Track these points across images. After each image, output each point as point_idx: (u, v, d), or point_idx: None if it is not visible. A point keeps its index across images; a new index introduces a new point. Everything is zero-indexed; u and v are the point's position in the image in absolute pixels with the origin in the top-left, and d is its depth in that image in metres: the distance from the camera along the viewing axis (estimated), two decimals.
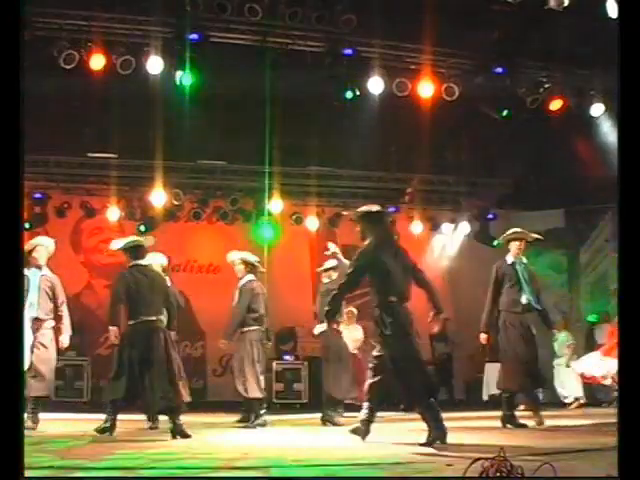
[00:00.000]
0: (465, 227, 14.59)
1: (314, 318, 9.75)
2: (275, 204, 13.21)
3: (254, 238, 13.36)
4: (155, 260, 8.43)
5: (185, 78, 9.70)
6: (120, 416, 7.01)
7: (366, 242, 6.20)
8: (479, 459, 3.23)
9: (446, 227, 14.75)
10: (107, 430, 6.81)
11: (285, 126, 11.54)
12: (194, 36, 9.54)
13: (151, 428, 7.80)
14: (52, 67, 9.32)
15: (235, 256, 8.95)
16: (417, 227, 14.43)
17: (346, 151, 13.07)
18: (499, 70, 10.61)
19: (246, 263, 8.79)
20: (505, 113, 11.13)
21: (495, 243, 10.16)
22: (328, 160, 13.68)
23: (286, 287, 13.06)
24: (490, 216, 14.47)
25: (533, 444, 5.61)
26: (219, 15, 9.48)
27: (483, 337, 7.90)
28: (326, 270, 9.17)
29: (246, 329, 8.49)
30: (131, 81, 9.78)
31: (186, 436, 6.64)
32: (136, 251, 7.14)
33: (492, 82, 10.73)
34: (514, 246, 7.90)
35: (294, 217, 13.89)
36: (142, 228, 13.24)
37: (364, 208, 6.43)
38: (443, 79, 10.60)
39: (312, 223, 13.98)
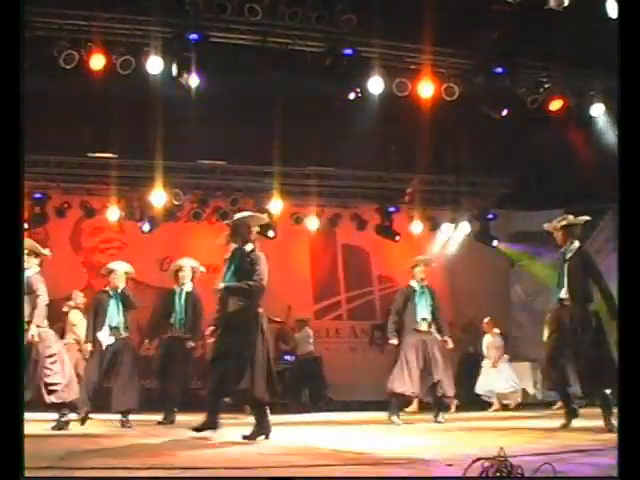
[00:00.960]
0: (465, 227, 14.59)
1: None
2: (275, 204, 13.21)
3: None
4: (120, 268, 8.48)
5: (192, 80, 9.69)
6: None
7: (249, 247, 6.41)
8: (479, 459, 3.23)
9: (446, 227, 14.75)
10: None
11: (285, 126, 11.54)
12: (194, 36, 9.52)
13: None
14: (52, 67, 9.30)
15: (187, 262, 9.13)
16: (417, 227, 14.43)
17: (346, 151, 13.06)
18: (499, 70, 10.59)
19: (195, 272, 9.00)
20: (505, 113, 11.11)
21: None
22: (328, 160, 13.68)
23: (286, 287, 13.04)
24: (490, 216, 14.47)
25: (533, 444, 5.61)
26: (219, 15, 9.47)
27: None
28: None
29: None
30: (131, 81, 9.77)
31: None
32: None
33: (492, 82, 10.71)
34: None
35: (294, 217, 13.90)
36: (145, 228, 13.24)
37: (257, 214, 6.83)
38: (443, 79, 10.59)
39: (312, 223, 13.98)
